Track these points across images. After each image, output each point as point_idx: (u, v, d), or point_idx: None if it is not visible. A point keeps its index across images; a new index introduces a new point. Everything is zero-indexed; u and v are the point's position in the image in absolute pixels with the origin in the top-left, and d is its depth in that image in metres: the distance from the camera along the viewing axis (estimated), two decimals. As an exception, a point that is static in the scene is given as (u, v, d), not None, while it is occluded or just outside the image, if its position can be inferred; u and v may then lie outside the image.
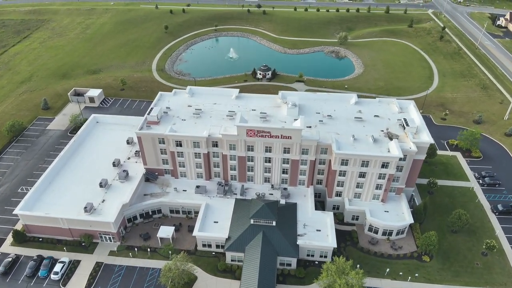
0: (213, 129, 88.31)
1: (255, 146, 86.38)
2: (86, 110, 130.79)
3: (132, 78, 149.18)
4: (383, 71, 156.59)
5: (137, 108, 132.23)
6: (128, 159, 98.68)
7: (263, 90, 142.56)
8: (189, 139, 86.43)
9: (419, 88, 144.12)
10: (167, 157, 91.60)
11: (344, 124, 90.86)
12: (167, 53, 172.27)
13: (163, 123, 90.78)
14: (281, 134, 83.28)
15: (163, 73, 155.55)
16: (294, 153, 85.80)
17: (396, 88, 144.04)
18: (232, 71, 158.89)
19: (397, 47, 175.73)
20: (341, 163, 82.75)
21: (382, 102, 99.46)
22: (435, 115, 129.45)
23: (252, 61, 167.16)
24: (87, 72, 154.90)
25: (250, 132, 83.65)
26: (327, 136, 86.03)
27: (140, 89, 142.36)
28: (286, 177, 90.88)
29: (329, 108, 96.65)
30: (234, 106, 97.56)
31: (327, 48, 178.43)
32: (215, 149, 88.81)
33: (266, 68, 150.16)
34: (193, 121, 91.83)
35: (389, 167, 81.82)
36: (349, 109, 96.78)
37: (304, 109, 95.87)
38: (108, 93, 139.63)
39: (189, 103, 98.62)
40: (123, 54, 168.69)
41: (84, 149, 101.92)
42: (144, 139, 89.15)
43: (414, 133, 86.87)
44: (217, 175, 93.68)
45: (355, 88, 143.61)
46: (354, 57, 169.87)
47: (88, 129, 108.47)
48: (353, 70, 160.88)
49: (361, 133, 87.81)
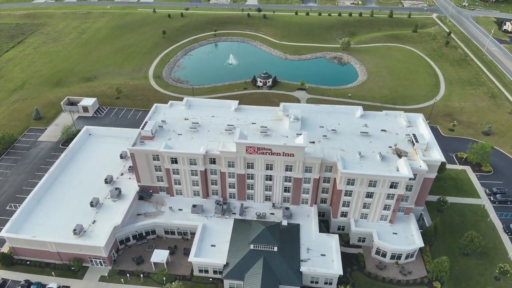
0: (210, 145, 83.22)
1: (255, 163, 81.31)
2: (80, 120, 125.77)
3: (128, 85, 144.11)
4: (388, 78, 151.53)
5: (133, 118, 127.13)
6: (121, 175, 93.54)
7: (263, 98, 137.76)
8: (185, 156, 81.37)
9: (426, 97, 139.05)
10: (162, 174, 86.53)
11: (349, 139, 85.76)
12: (164, 59, 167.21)
13: (157, 138, 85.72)
14: (283, 152, 78.28)
15: (160, 80, 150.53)
16: (297, 171, 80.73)
17: (401, 97, 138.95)
18: (231, 78, 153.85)
19: (401, 53, 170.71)
20: (347, 183, 77.66)
21: (389, 115, 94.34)
22: (442, 126, 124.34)
23: (252, 68, 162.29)
24: (81, 80, 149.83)
25: (250, 149, 78.58)
26: (331, 153, 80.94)
27: (136, 98, 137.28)
28: (288, 195, 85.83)
29: (333, 122, 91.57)
30: (233, 119, 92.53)
31: (329, 54, 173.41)
32: (213, 166, 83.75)
33: (267, 76, 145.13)
34: (190, 136, 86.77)
35: (398, 187, 76.71)
36: (355, 122, 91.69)
37: (307, 122, 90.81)
38: (103, 102, 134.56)
39: (185, 116, 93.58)
40: (119, 60, 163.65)
41: (76, 164, 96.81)
42: (137, 156, 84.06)
43: (424, 150, 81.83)
44: (215, 192, 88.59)
45: (359, 97, 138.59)
46: (357, 63, 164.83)
47: (80, 141, 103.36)
48: (357, 77, 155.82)
49: (367, 149, 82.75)
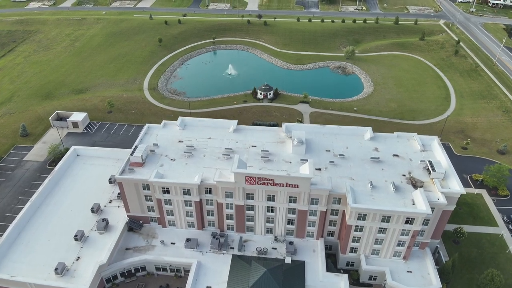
0: (206, 173, 75.63)
1: (255, 194, 73.72)
2: (69, 137, 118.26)
3: (121, 98, 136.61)
4: (395, 90, 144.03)
5: (125, 134, 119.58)
6: (109, 203, 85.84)
7: (264, 112, 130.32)
8: (178, 186, 73.81)
9: (436, 111, 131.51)
10: (152, 204, 78.94)
11: (359, 166, 78.16)
12: (160, 69, 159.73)
13: (148, 164, 78.14)
14: (287, 182, 70.72)
15: (155, 92, 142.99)
16: (302, 203, 73.13)
17: (410, 111, 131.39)
18: (230, 89, 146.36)
19: (408, 63, 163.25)
20: (357, 218, 70.04)
21: (401, 137, 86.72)
22: (455, 144, 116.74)
23: (253, 78, 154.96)
24: (72, 92, 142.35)
25: (249, 179, 70.99)
26: (340, 183, 73.30)
27: (130, 112, 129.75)
28: (292, 228, 78.22)
29: (340, 145, 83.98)
30: (232, 141, 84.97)
31: (333, 64, 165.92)
32: (209, 196, 76.15)
33: (268, 88, 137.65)
34: (184, 161, 79.19)
35: (414, 223, 69.06)
36: (364, 146, 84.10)
37: (312, 145, 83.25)
38: (94, 117, 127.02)
39: (180, 138, 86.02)
40: (113, 71, 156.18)
41: (61, 190, 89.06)
42: (125, 185, 76.41)
43: (441, 179, 74.32)
44: (211, 224, 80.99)
45: (365, 111, 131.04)
46: (363, 74, 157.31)
47: (67, 163, 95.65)
48: (362, 89, 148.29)
49: (379, 178, 75.13)
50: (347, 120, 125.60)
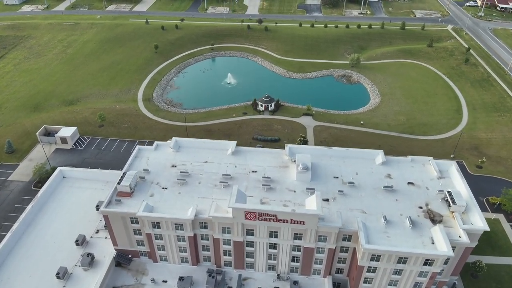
0: (201, 204, 68.09)
1: (256, 230, 66.24)
2: (57, 154, 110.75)
3: (113, 110, 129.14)
4: (404, 101, 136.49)
5: (117, 151, 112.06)
6: (96, 233, 78.33)
7: (265, 125, 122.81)
8: (169, 220, 66.37)
9: (447, 125, 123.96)
10: (142, 239, 71.49)
11: (371, 196, 70.65)
12: (156, 78, 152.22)
13: (137, 194, 70.64)
14: (291, 219, 63.24)
15: (150, 103, 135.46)
16: (308, 241, 65.60)
17: (420, 125, 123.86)
18: (229, 100, 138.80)
19: (416, 71, 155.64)
20: (371, 259, 62.61)
21: (416, 162, 79.19)
22: (468, 161, 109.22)
23: (253, 88, 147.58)
24: (62, 103, 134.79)
25: (249, 214, 63.49)
26: (350, 217, 65.72)
27: (122, 126, 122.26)
28: (297, 265, 70.75)
29: (349, 170, 76.45)
30: (230, 166, 77.49)
31: (337, 72, 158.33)
32: (204, 231, 68.68)
33: (269, 99, 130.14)
34: (177, 190, 71.69)
35: (433, 264, 61.50)
36: (375, 172, 76.56)
37: (318, 171, 75.76)
38: (85, 131, 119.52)
39: (173, 162, 78.55)
40: (106, 80, 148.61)
41: (44, 217, 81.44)
42: (112, 219, 68.97)
43: (462, 212, 66.89)
44: (207, 259, 73.52)
45: (373, 125, 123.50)
46: (369, 83, 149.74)
47: (52, 187, 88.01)
48: (368, 100, 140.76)
49: (394, 211, 67.62)
50: (353, 135, 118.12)
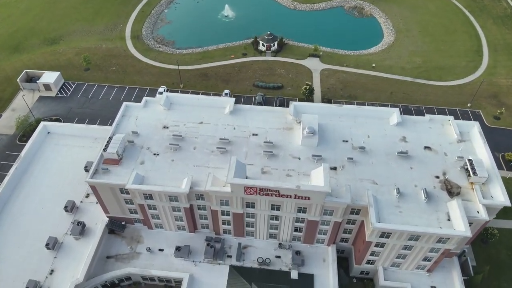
0: (197, 174, 62.00)
1: (256, 203, 61.02)
2: (41, 103, 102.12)
3: (99, 50, 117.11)
4: (420, 40, 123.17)
5: (106, 98, 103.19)
6: (86, 197, 73.55)
7: (267, 69, 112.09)
8: (163, 193, 60.79)
9: (466, 69, 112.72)
10: (135, 207, 66.75)
11: (383, 163, 64.18)
12: (145, 10, 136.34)
13: (126, 161, 64.27)
14: (295, 194, 57.51)
15: (139, 42, 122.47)
16: (313, 214, 60.69)
17: (436, 68, 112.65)
18: (227, 37, 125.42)
19: (436, 4, 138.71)
20: (380, 236, 58.20)
21: (434, 121, 71.18)
22: (486, 111, 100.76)
23: (253, 22, 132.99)
24: (44, 42, 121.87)
25: (249, 189, 57.66)
26: (360, 189, 60.00)
27: (110, 69, 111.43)
28: (299, 235, 66.93)
29: (360, 133, 68.97)
30: (228, 127, 69.94)
31: (347, 3, 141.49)
32: (201, 202, 63.56)
33: (271, 38, 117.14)
34: (170, 157, 65.13)
35: (447, 242, 57.31)
36: (389, 134, 69.08)
37: (326, 134, 68.40)
38: (70, 75, 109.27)
39: (164, 122, 70.81)
40: (90, 14, 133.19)
41: (28, 182, 75.95)
42: (100, 189, 63.42)
43: (482, 183, 61.03)
44: (205, 226, 69.64)
45: (385, 68, 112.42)
46: (383, 17, 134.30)
47: (36, 145, 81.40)
48: (382, 37, 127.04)
49: (408, 181, 61.70)
50: (364, 81, 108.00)
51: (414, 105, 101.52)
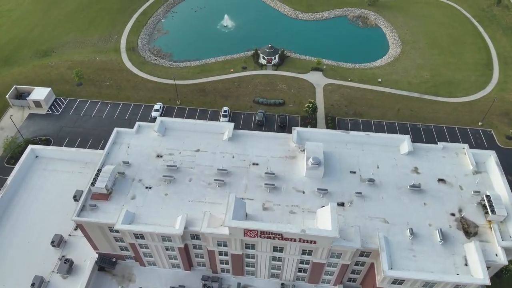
0: (192, 210, 57.18)
1: (257, 245, 56.21)
2: (30, 121, 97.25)
3: (93, 64, 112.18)
4: (427, 52, 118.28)
5: (98, 116, 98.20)
6: (75, 230, 68.67)
7: (268, 84, 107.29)
8: (154, 234, 55.98)
9: (476, 84, 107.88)
10: (125, 245, 61.95)
11: (394, 198, 59.35)
12: (141, 19, 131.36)
13: (116, 196, 59.43)
14: (300, 238, 52.68)
15: (134, 54, 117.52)
16: (319, 257, 55.87)
17: (445, 83, 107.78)
18: (226, 49, 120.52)
19: (442, 12, 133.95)
20: (392, 282, 53.42)
21: (448, 150, 66.32)
22: (497, 130, 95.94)
23: (254, 32, 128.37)
24: (35, 54, 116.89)
25: (249, 232, 52.88)
26: (370, 229, 55.14)
27: (103, 84, 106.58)
28: (304, 275, 62.11)
29: (369, 162, 64.15)
30: (226, 156, 65.13)
31: (351, 12, 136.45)
32: (196, 241, 58.79)
33: (272, 51, 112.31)
34: (163, 191, 60.30)
35: (465, 289, 52.70)
36: (400, 164, 64.23)
37: (331, 163, 63.58)
38: (61, 91, 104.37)
39: (158, 150, 65.95)
40: (84, 23, 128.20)
41: (14, 212, 70.77)
42: (88, 228, 58.64)
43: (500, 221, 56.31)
44: (202, 264, 64.80)
45: (391, 83, 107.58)
46: (388, 27, 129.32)
47: (24, 170, 76.19)
48: (387, 49, 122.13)
49: (421, 220, 56.86)
50: (369, 97, 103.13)
51: (422, 123, 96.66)
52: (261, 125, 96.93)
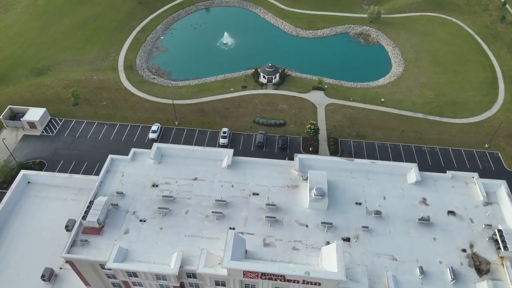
0: (189, 246, 54.08)
1: (258, 286, 52.93)
2: (24, 143, 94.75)
3: (90, 83, 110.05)
4: (430, 70, 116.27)
5: (94, 138, 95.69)
6: (66, 263, 65.66)
7: (269, 104, 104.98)
8: (148, 273, 52.81)
9: (481, 104, 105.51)
10: (118, 282, 58.69)
11: (402, 233, 56.14)
12: (139, 37, 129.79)
13: (109, 230, 56.22)
14: (304, 280, 49.55)
15: (132, 73, 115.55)
16: (322, 298, 52.78)
17: (450, 103, 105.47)
18: (226, 67, 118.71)
19: (446, 29, 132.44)
20: (401, 327, 50.14)
21: (456, 179, 63.34)
22: (504, 153, 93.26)
23: (254, 50, 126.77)
24: (31, 73, 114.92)
25: (249, 274, 49.75)
26: (378, 268, 51.99)
27: (100, 104, 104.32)
28: (306, 313, 58.77)
29: (375, 193, 61.11)
30: (225, 185, 62.14)
31: (353, 29, 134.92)
32: (193, 280, 55.50)
33: (273, 70, 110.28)
34: (158, 224, 57.14)
35: (481, 335, 49.33)
36: (407, 195, 61.22)
37: (336, 193, 60.55)
38: (57, 111, 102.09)
39: (154, 179, 62.98)
40: (81, 41, 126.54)
41: (4, 243, 67.43)
42: (78, 264, 55.51)
43: (514, 258, 53.23)
44: (200, 300, 61.53)
45: (394, 102, 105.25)
46: (390, 44, 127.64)
47: (15, 197, 72.91)
48: (390, 67, 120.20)
49: (431, 256, 53.61)
50: (372, 117, 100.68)
51: (427, 145, 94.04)
52: (261, 147, 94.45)
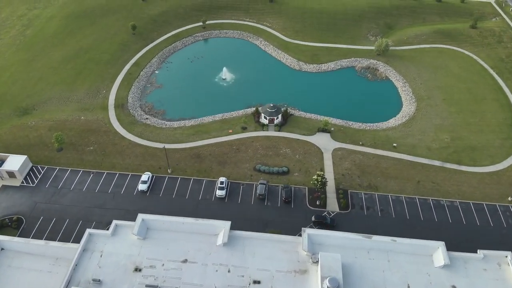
0: None
1: None
2: (3, 194, 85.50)
3: (76, 124, 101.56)
4: (445, 110, 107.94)
5: (78, 190, 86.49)
6: None
7: (270, 148, 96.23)
8: None
9: (502, 149, 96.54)
10: None
11: (431, 336, 47.14)
12: (133, 71, 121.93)
13: (81, 331, 47.16)
14: None
15: (123, 112, 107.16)
16: None
17: (468, 149, 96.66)
18: (225, 106, 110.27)
19: (458, 63, 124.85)
20: None
21: (488, 260, 54.37)
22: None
23: (254, 86, 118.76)
24: (14, 112, 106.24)
25: None
26: None
27: (86, 149, 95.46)
28: None
29: (397, 280, 51.98)
30: (220, 269, 53.01)
31: (359, 62, 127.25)
32: None
33: (275, 110, 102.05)
34: (141, 322, 48.06)
35: None
36: (434, 281, 52.02)
37: (352, 280, 51.43)
38: (39, 157, 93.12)
39: (137, 261, 53.83)
40: (70, 76, 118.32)
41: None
42: None
43: None
44: None
45: (408, 148, 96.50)
46: (400, 80, 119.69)
47: (-18, 267, 64.48)
48: (400, 106, 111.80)
49: None
50: (384, 165, 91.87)
51: (446, 199, 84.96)
52: (263, 199, 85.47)
